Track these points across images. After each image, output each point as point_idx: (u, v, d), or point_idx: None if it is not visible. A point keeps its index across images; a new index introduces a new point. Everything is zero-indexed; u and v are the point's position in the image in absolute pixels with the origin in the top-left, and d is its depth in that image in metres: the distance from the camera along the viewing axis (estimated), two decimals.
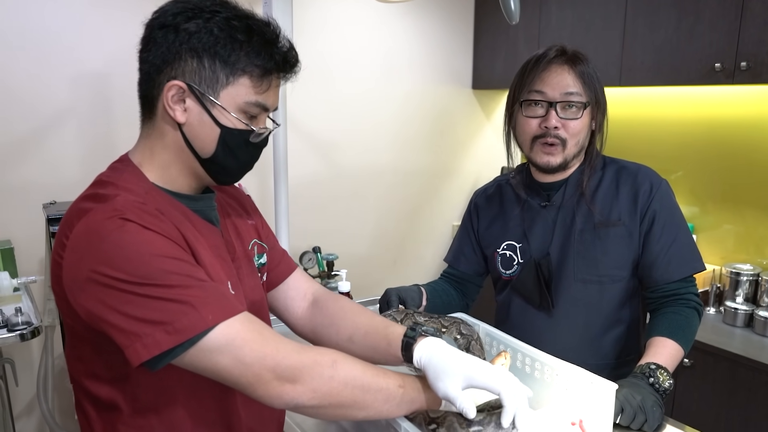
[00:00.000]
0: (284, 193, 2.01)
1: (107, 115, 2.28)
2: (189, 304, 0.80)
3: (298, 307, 1.17)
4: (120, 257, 0.79)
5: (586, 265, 1.40)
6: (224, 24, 0.88)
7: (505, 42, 3.07)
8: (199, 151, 0.93)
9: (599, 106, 1.37)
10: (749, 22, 2.08)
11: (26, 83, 2.11)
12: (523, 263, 1.48)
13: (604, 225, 1.38)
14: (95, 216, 0.83)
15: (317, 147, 2.86)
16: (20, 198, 2.15)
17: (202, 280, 0.84)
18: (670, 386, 1.23)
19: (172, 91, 0.89)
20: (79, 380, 0.94)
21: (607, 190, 1.41)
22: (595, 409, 1.07)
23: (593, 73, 1.36)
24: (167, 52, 0.88)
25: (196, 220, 0.96)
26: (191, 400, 0.95)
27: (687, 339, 1.33)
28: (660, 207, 1.37)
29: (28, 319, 1.67)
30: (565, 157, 1.37)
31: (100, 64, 2.24)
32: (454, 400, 0.90)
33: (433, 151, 3.25)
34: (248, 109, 0.92)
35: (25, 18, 2.08)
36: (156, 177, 0.94)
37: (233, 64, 0.89)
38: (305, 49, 2.71)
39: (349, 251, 2.96)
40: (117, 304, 0.79)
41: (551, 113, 1.33)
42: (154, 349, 0.78)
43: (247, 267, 1.06)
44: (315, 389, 0.86)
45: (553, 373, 1.18)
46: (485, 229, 1.57)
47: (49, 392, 2.00)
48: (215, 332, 0.81)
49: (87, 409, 0.95)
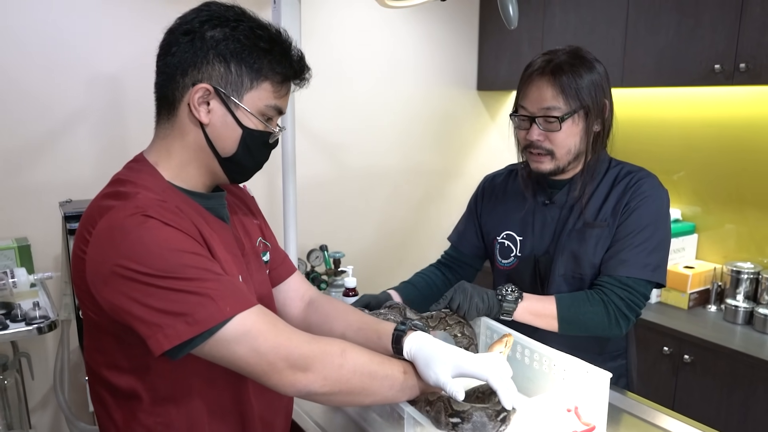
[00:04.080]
0: (292, 192, 2.06)
1: (120, 116, 2.34)
2: (208, 296, 0.84)
3: (296, 306, 1.23)
4: (142, 252, 0.84)
5: (570, 263, 1.44)
6: (249, 33, 0.95)
7: (509, 44, 3.11)
8: (220, 151, 0.98)
9: (592, 111, 1.36)
10: (748, 24, 2.11)
11: (41, 86, 2.17)
12: (521, 257, 1.51)
13: (591, 226, 1.42)
14: (118, 213, 0.88)
15: (325, 148, 2.91)
16: (36, 197, 2.21)
17: (219, 273, 0.89)
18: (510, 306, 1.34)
19: (199, 93, 0.94)
20: (98, 371, 0.98)
21: (601, 192, 1.44)
22: (589, 397, 1.12)
23: (581, 78, 1.33)
24: (194, 56, 0.94)
25: (209, 217, 1.01)
26: (207, 390, 0.99)
27: (567, 313, 1.35)
28: (636, 205, 1.37)
29: (45, 314, 1.73)
30: (557, 165, 1.40)
31: (114, 67, 2.30)
32: (444, 385, 0.95)
33: (438, 151, 3.29)
34: (267, 112, 0.99)
35: (40, 22, 2.14)
36: (172, 176, 0.99)
37: (258, 70, 0.95)
38: (313, 52, 2.76)
39: (355, 250, 3.01)
40: (140, 297, 0.84)
41: (533, 127, 1.37)
42: (175, 339, 0.83)
43: (256, 262, 1.12)
44: (326, 377, 0.91)
45: (550, 364, 1.23)
46: (488, 214, 1.61)
47: (65, 384, 2.06)
48: (233, 323, 0.86)
49: (106, 400, 0.99)
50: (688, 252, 2.66)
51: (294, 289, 1.24)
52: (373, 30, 2.94)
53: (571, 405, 1.10)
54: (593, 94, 1.35)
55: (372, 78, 2.98)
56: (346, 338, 1.11)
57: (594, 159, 1.42)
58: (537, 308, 1.36)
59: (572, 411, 1.09)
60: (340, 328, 1.15)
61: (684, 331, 2.24)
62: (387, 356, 1.01)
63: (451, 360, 0.97)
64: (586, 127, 1.38)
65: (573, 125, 1.36)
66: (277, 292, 1.23)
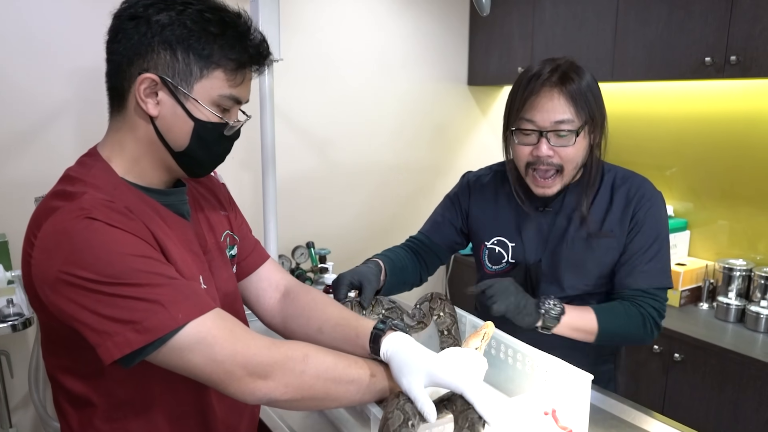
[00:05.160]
0: (272, 187, 2.02)
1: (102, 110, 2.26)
2: (158, 303, 0.80)
3: (270, 297, 1.17)
4: (88, 257, 0.79)
5: (575, 274, 1.40)
6: (197, 16, 0.88)
7: (500, 38, 3.07)
8: (172, 145, 0.93)
9: (595, 122, 1.32)
10: (739, 16, 2.08)
11: (21, 78, 2.13)
12: (514, 263, 1.46)
13: (596, 236, 1.37)
14: (62, 215, 0.83)
15: (313, 143, 2.87)
16: (15, 192, 2.16)
17: (172, 277, 0.84)
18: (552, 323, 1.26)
19: (144, 84, 0.88)
20: (55, 375, 0.95)
21: (602, 201, 1.39)
22: (569, 399, 1.08)
23: (587, 89, 1.29)
24: (138, 44, 0.88)
25: (167, 214, 0.96)
26: (166, 395, 0.95)
27: (608, 326, 1.31)
28: (644, 216, 1.36)
29: (19, 311, 1.69)
30: (564, 183, 1.35)
31: (95, 59, 2.25)
32: (416, 400, 0.90)
33: (428, 147, 3.25)
34: (222, 102, 0.92)
35: (19, 13, 2.09)
36: (125, 171, 0.94)
37: (207, 57, 0.88)
38: (301, 47, 2.72)
39: (343, 247, 2.97)
40: (88, 304, 0.79)
41: (542, 142, 1.29)
42: (125, 347, 0.79)
43: (220, 259, 1.07)
44: (287, 384, 0.86)
45: (533, 364, 1.20)
46: (475, 216, 1.54)
47: (40, 383, 2.02)
48: (186, 330, 0.81)
49: (63, 405, 0.96)
50: (680, 249, 2.62)
51: (267, 278, 1.18)
52: (361, 24, 2.90)
53: (548, 407, 1.06)
54: (595, 105, 1.30)
55: (361, 72, 2.94)
56: (323, 333, 1.07)
57: (596, 169, 1.38)
58: (578, 324, 1.30)
59: (549, 414, 1.06)
60: (317, 322, 1.09)
61: (674, 329, 2.20)
62: (355, 358, 0.97)
63: (424, 369, 0.91)
64: (586, 142, 1.33)
65: (583, 139, 1.31)
66: (249, 283, 1.17)
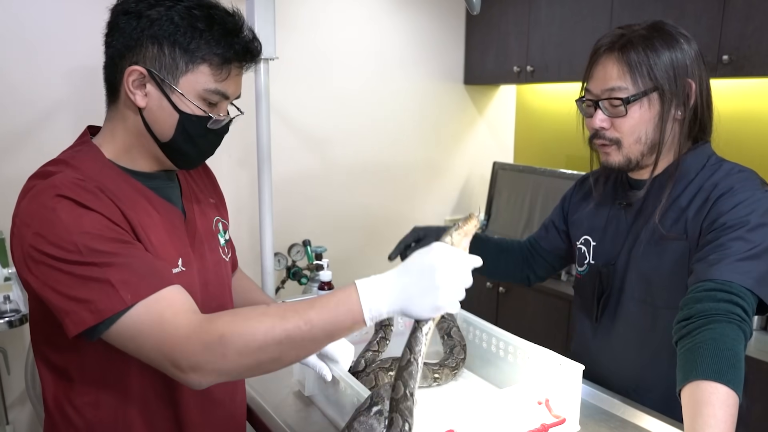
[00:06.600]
0: (268, 185, 2.03)
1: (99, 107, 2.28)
2: (109, 284, 0.81)
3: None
4: (51, 234, 0.82)
5: (640, 283, 1.24)
6: (185, 12, 0.91)
7: (496, 37, 3.09)
8: (158, 135, 0.96)
9: (669, 93, 1.15)
10: (731, 16, 2.10)
11: (19, 76, 2.13)
12: (592, 265, 1.33)
13: (666, 238, 1.19)
14: (35, 193, 0.87)
15: (310, 142, 2.89)
16: (13, 189, 2.13)
17: (130, 257, 0.84)
18: None
19: (132, 76, 0.92)
20: (38, 346, 0.98)
21: (685, 197, 1.19)
22: (561, 390, 1.10)
23: (656, 57, 1.14)
24: (129, 38, 0.91)
25: (153, 197, 0.99)
26: (138, 373, 0.96)
27: (738, 376, 0.93)
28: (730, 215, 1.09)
29: (16, 307, 1.71)
30: (627, 157, 1.20)
31: (90, 59, 2.26)
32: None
33: (425, 146, 3.27)
34: (208, 96, 0.95)
35: (17, 11, 2.10)
36: (115, 156, 0.97)
37: (192, 51, 0.92)
38: (296, 44, 2.74)
39: (340, 245, 2.98)
40: (49, 281, 0.83)
41: (597, 113, 1.19)
42: (81, 325, 0.82)
43: (210, 243, 1.08)
44: (216, 370, 0.83)
45: (525, 356, 1.21)
46: (572, 215, 1.44)
47: (36, 379, 2.03)
48: (133, 313, 0.82)
49: (44, 375, 0.98)
50: None
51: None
52: (358, 23, 2.91)
53: (542, 397, 1.08)
54: (671, 74, 1.14)
55: (357, 71, 2.96)
56: None
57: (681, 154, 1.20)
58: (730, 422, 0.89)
59: (543, 403, 1.07)
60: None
61: None
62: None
63: None
64: (662, 113, 1.16)
65: (643, 110, 1.16)
66: None
